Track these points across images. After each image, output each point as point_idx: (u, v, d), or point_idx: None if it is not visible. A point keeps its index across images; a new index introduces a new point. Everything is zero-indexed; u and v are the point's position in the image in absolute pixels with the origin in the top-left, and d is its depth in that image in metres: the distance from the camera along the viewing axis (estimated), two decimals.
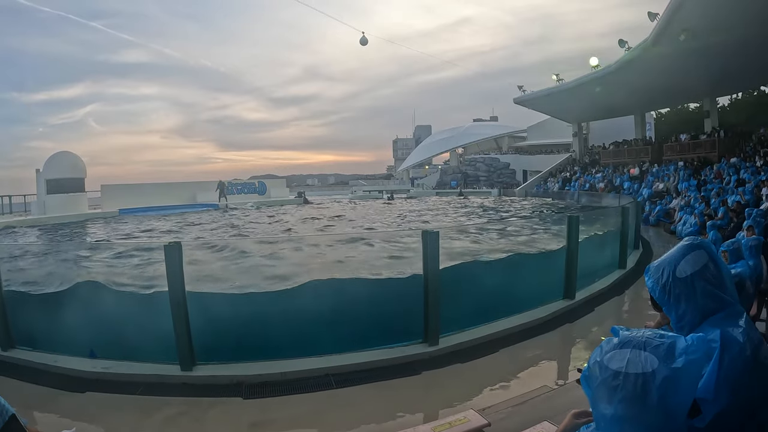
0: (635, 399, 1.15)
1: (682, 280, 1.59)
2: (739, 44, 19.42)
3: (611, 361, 1.21)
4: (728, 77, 25.62)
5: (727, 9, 16.95)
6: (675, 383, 1.15)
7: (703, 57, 21.42)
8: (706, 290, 1.56)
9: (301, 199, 36.95)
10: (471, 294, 6.65)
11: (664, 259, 1.67)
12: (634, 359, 1.18)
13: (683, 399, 1.18)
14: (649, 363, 1.16)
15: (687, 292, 1.59)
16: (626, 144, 34.37)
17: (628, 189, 26.45)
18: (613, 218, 11.07)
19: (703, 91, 28.31)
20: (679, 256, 1.63)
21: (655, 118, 47.30)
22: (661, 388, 1.15)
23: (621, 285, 8.86)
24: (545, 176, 40.28)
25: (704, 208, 14.84)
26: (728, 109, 40.20)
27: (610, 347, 1.24)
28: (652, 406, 1.15)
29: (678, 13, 18.32)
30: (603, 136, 40.10)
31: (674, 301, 1.61)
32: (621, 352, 1.21)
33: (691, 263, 1.60)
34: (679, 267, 1.60)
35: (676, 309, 1.62)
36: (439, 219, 20.50)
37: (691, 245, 1.64)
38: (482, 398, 4.47)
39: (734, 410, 1.38)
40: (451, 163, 58.08)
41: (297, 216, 23.79)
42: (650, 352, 1.18)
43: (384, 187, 48.82)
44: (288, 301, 5.91)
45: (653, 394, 1.15)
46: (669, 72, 24.27)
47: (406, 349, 5.60)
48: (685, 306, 1.60)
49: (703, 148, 25.94)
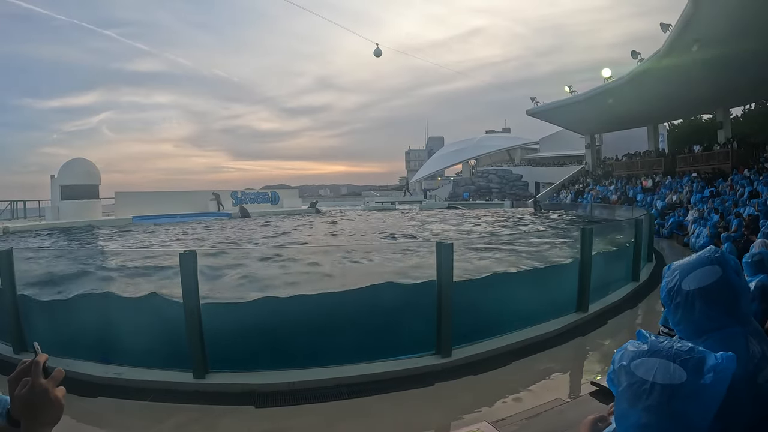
0: (660, 409, 1.15)
1: (685, 292, 1.59)
2: (752, 54, 19.33)
3: (639, 368, 1.21)
4: (741, 87, 25.50)
5: (739, 19, 16.87)
6: (701, 399, 1.15)
7: (716, 67, 21.33)
8: (703, 310, 1.56)
9: (313, 209, 37.09)
10: (485, 306, 6.63)
11: (682, 263, 1.66)
12: (662, 370, 1.18)
13: (706, 414, 1.17)
14: (677, 375, 1.16)
15: (686, 306, 1.59)
16: (639, 156, 34.28)
17: (642, 201, 26.31)
18: (627, 230, 11.03)
19: (716, 102, 28.17)
20: (691, 267, 1.61)
21: (668, 130, 47.15)
22: (686, 402, 1.15)
23: (634, 297, 8.79)
24: (558, 188, 40.24)
25: (718, 220, 14.74)
26: (741, 120, 40.05)
27: (639, 353, 1.24)
28: (675, 418, 1.15)
29: (690, 23, 18.21)
30: (616, 147, 40.08)
31: (674, 308, 1.62)
32: (649, 360, 1.21)
33: (698, 279, 1.58)
34: (687, 278, 1.59)
35: (674, 315, 1.64)
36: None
37: (708, 258, 1.61)
38: (495, 411, 4.45)
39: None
40: (463, 175, 58.34)
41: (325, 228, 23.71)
42: (679, 365, 1.18)
43: (397, 199, 48.92)
44: (302, 310, 5.90)
45: (678, 406, 1.15)
46: (682, 83, 24.18)
47: (419, 360, 5.57)
48: (681, 317, 1.61)
49: (717, 159, 25.79)
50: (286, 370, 5.25)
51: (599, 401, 2.81)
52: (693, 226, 16.38)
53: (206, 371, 5.15)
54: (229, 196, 34.71)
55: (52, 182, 26.82)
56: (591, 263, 7.57)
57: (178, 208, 29.79)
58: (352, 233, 20.22)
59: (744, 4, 15.74)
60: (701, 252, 1.65)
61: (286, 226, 23.75)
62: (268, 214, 32.73)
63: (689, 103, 29.22)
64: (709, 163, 26.04)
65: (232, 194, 35.31)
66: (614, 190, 31.84)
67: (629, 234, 10.64)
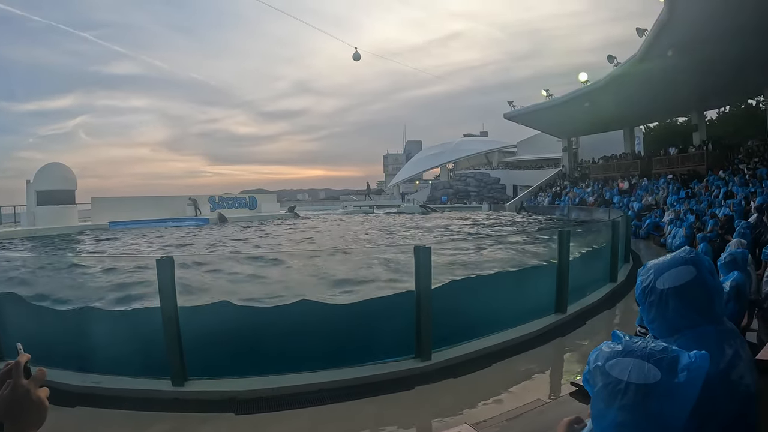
0: (635, 408, 1.16)
1: (659, 291, 1.61)
2: (726, 59, 19.74)
3: (614, 368, 1.22)
4: (716, 91, 26.10)
5: (713, 25, 17.17)
6: (676, 397, 1.17)
7: (691, 72, 21.74)
8: (677, 308, 1.58)
9: (291, 213, 36.94)
10: (463, 309, 6.63)
11: (657, 263, 1.69)
12: (637, 369, 1.19)
13: (682, 413, 1.18)
14: (652, 375, 1.17)
15: (660, 304, 1.61)
16: (615, 158, 34.73)
17: (618, 203, 26.61)
18: (604, 232, 11.14)
19: (691, 105, 28.77)
20: (666, 266, 1.64)
21: (644, 132, 47.73)
22: (661, 401, 1.16)
23: (612, 298, 8.86)
24: (535, 191, 40.57)
25: (693, 220, 14.95)
26: (716, 123, 40.56)
27: (613, 354, 1.25)
28: (650, 416, 1.16)
29: (666, 29, 18.54)
30: (592, 150, 40.50)
31: (648, 306, 1.65)
32: (624, 360, 1.22)
33: (672, 278, 1.60)
34: (662, 277, 1.62)
35: (648, 313, 1.66)
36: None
37: (683, 258, 1.64)
38: (476, 413, 4.44)
39: (706, 430, 1.39)
40: (441, 179, 58.54)
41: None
42: (653, 364, 1.19)
43: (375, 203, 49.02)
44: (281, 316, 5.87)
45: (654, 405, 1.16)
46: (657, 87, 24.59)
47: (399, 364, 5.55)
48: (655, 315, 1.63)
49: (692, 161, 26.27)
50: (267, 375, 5.20)
51: (579, 401, 2.83)
52: (669, 227, 16.58)
53: (185, 378, 5.08)
54: (207, 201, 34.45)
55: (28, 187, 26.43)
56: (569, 265, 7.65)
57: (156, 214, 29.55)
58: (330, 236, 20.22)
59: (717, 11, 16.03)
60: (676, 252, 1.68)
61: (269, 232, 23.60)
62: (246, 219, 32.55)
63: (665, 106, 29.79)
64: (685, 165, 26.46)
65: (210, 199, 35.04)
66: (591, 192, 32.20)
67: (606, 236, 10.75)
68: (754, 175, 18.20)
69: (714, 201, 17.53)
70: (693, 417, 1.21)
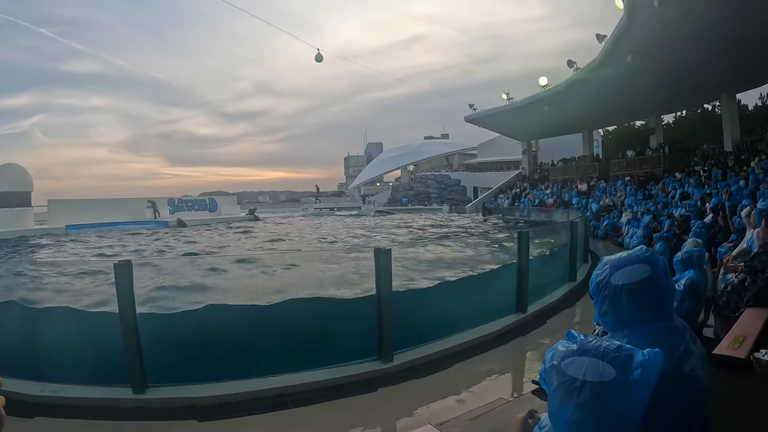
0: (591, 406, 1.19)
1: (613, 286, 1.65)
2: (683, 65, 20.26)
3: (569, 367, 1.25)
4: (673, 96, 26.72)
5: (671, 33, 17.62)
6: (630, 394, 1.20)
7: (649, 77, 22.24)
8: (630, 304, 1.62)
9: (252, 216, 36.56)
10: (425, 311, 6.67)
11: (613, 259, 1.72)
12: (592, 368, 1.22)
13: (637, 409, 1.22)
14: (606, 373, 1.20)
15: (613, 299, 1.65)
16: (574, 161, 35.40)
17: (577, 204, 27.00)
18: (563, 233, 11.32)
19: (648, 109, 29.40)
20: (622, 264, 1.68)
21: (603, 135, 48.58)
22: (617, 398, 1.19)
23: (571, 297, 9.01)
24: (495, 192, 41.00)
25: (650, 221, 15.28)
26: (673, 126, 41.49)
27: (569, 353, 1.28)
28: (606, 413, 1.19)
29: (625, 35, 18.93)
30: (551, 152, 41.25)
31: (601, 300, 1.68)
32: (579, 359, 1.25)
33: (626, 275, 1.64)
34: (617, 274, 1.66)
35: (600, 307, 1.70)
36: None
37: (638, 257, 1.68)
38: (439, 413, 4.45)
39: (657, 429, 1.43)
40: (402, 181, 58.87)
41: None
42: (608, 363, 1.22)
43: (336, 205, 49.05)
44: (242, 320, 5.82)
45: (609, 402, 1.19)
46: (616, 91, 25.05)
47: (361, 366, 5.56)
48: (607, 308, 1.67)
49: (649, 163, 26.97)
50: (229, 381, 5.13)
51: (540, 399, 2.88)
52: (627, 227, 16.91)
53: (146, 386, 4.98)
54: (166, 204, 33.76)
55: None
56: (528, 266, 7.75)
57: (114, 216, 28.79)
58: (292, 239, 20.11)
59: (675, 20, 16.44)
60: (633, 250, 1.73)
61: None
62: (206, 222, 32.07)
63: (623, 110, 30.37)
64: (642, 167, 27.15)
65: (169, 201, 34.32)
66: (550, 194, 32.61)
67: (565, 236, 10.94)
68: (710, 177, 18.61)
69: (670, 202, 17.86)
70: (646, 410, 1.24)
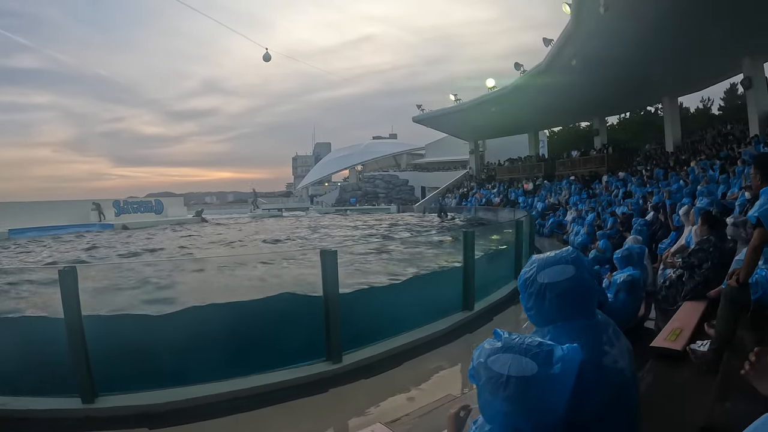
0: (517, 399, 1.29)
1: (539, 284, 1.74)
2: (627, 70, 20.90)
3: (494, 363, 1.34)
4: (617, 99, 27.59)
5: (616, 39, 18.14)
6: (552, 386, 1.31)
7: (594, 81, 22.87)
8: (553, 302, 1.71)
9: (199, 218, 35.90)
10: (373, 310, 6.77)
11: (541, 258, 1.81)
12: (515, 364, 1.31)
13: (560, 399, 1.32)
14: (529, 368, 1.30)
15: (538, 296, 1.74)
16: (520, 160, 35.92)
17: (523, 203, 27.42)
18: (509, 231, 11.52)
19: (593, 111, 30.11)
20: (548, 263, 1.77)
21: (548, 136, 49.70)
22: (539, 390, 1.29)
23: (517, 294, 9.14)
24: (443, 192, 41.33)
25: (594, 218, 15.69)
26: (617, 128, 42.71)
27: (494, 350, 1.38)
28: (531, 404, 1.30)
29: (571, 40, 19.34)
30: (498, 153, 41.73)
31: (527, 296, 1.78)
32: (504, 356, 1.34)
33: (552, 274, 1.73)
34: (543, 272, 1.75)
35: (526, 302, 1.79)
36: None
37: (564, 257, 1.77)
38: (389, 411, 4.52)
39: (582, 416, 1.50)
40: (350, 181, 58.76)
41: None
42: (530, 358, 1.32)
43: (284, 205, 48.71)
44: (189, 323, 5.75)
45: (533, 394, 1.29)
46: (561, 93, 25.50)
47: (311, 368, 5.58)
48: (532, 305, 1.77)
49: (593, 163, 27.75)
50: (180, 387, 5.06)
51: None
52: (572, 225, 17.24)
53: (95, 395, 4.87)
54: (112, 206, 32.73)
55: None
56: (474, 264, 7.89)
57: (58, 219, 27.65)
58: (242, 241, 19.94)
59: (620, 26, 16.96)
60: (560, 251, 1.82)
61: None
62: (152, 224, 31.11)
63: (568, 111, 31.04)
64: (586, 167, 27.94)
65: (115, 203, 33.26)
66: (497, 193, 33.05)
67: (511, 234, 11.13)
68: (651, 177, 19.14)
69: (613, 200, 18.33)
70: (570, 401, 1.34)
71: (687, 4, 15.08)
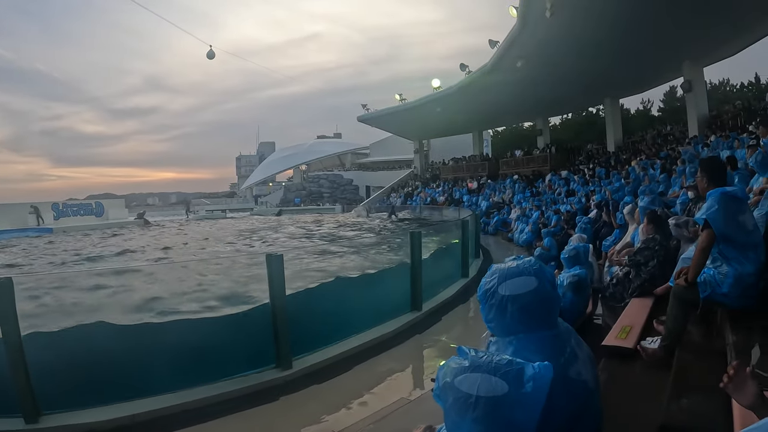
0: (487, 419, 1.24)
1: (500, 296, 1.69)
2: (570, 72, 21.49)
3: (462, 383, 1.29)
4: (560, 101, 28.37)
5: (559, 42, 18.60)
6: (524, 406, 1.26)
7: (538, 83, 23.34)
8: (515, 315, 1.67)
9: (141, 220, 34.91)
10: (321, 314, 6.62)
11: (502, 268, 1.76)
12: (485, 384, 1.27)
13: (531, 418, 1.28)
14: (499, 388, 1.26)
15: (499, 308, 1.69)
16: (465, 160, 36.26)
17: (468, 202, 27.73)
18: (454, 231, 11.62)
19: (536, 112, 30.85)
20: (510, 274, 1.72)
21: (492, 136, 50.35)
22: (511, 410, 1.25)
23: (465, 293, 9.23)
24: (388, 191, 41.56)
25: (538, 216, 15.97)
26: (559, 128, 43.49)
27: (461, 370, 1.32)
28: (502, 425, 1.25)
29: (516, 42, 19.65)
30: (443, 152, 42.21)
31: (488, 307, 1.73)
32: (472, 375, 1.29)
33: (513, 286, 1.69)
34: (504, 284, 1.70)
35: (487, 314, 1.74)
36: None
37: (526, 269, 1.72)
38: (342, 418, 4.47)
39: (549, 430, 1.47)
40: (294, 180, 58.54)
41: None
42: (500, 378, 1.27)
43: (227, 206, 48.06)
44: (133, 336, 5.50)
45: (504, 415, 1.25)
46: (506, 94, 26.01)
47: (260, 375, 5.44)
48: (494, 316, 1.72)
49: (536, 162, 28.28)
50: (126, 401, 4.85)
51: None
52: (516, 223, 17.57)
53: (38, 413, 4.64)
54: (50, 209, 31.47)
55: None
56: (421, 264, 7.91)
57: None
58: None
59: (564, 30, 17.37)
60: (522, 262, 1.77)
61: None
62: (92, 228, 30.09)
63: (512, 112, 31.65)
64: (530, 166, 28.43)
65: (53, 206, 32.03)
66: (442, 192, 33.32)
67: (457, 233, 11.22)
68: (593, 175, 19.72)
69: (557, 199, 18.74)
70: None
71: (630, 12, 15.63)
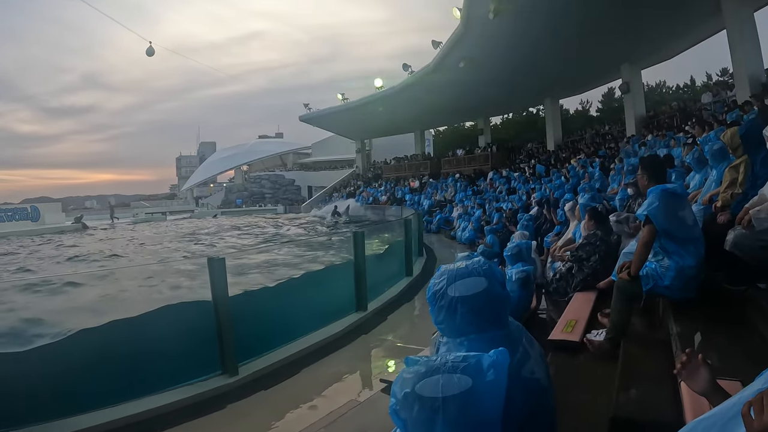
0: (458, 418, 1.21)
1: (450, 298, 1.66)
2: (512, 73, 21.95)
3: (424, 389, 1.24)
4: (501, 101, 28.94)
5: (502, 42, 18.89)
6: (490, 395, 1.24)
7: (480, 83, 23.63)
8: (465, 316, 1.64)
9: (79, 224, 33.50)
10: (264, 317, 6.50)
11: (451, 269, 1.73)
12: (448, 383, 1.23)
13: (497, 406, 1.26)
14: (463, 383, 1.23)
15: (449, 309, 1.66)
16: (407, 159, 36.55)
17: (410, 201, 27.85)
18: (397, 229, 11.68)
19: (478, 112, 31.34)
20: (459, 275, 1.69)
21: (434, 135, 50.80)
22: (479, 402, 1.23)
23: (409, 291, 9.28)
24: (330, 191, 41.53)
25: (481, 214, 16.17)
26: (500, 127, 44.27)
27: (419, 376, 1.27)
28: (474, 420, 1.22)
29: (459, 43, 19.88)
30: (385, 151, 42.31)
31: (438, 309, 1.70)
32: (432, 379, 1.25)
33: (463, 287, 1.66)
34: (454, 285, 1.67)
35: (437, 315, 1.71)
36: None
37: (476, 269, 1.70)
38: (292, 423, 4.38)
39: (507, 425, 1.44)
40: (236, 181, 57.70)
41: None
42: (461, 373, 1.24)
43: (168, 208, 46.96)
44: (64, 348, 5.14)
45: (473, 409, 1.22)
46: (448, 94, 26.24)
47: (206, 383, 5.26)
48: (444, 318, 1.69)
49: (478, 161, 28.83)
50: (69, 417, 4.60)
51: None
52: (458, 221, 17.78)
53: None
54: None
55: None
56: (365, 264, 7.91)
57: None
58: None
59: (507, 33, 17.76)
60: (471, 262, 1.74)
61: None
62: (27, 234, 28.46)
63: (454, 112, 32.00)
64: (471, 164, 28.95)
65: None
66: (384, 191, 33.38)
67: (400, 232, 11.28)
68: (534, 174, 19.99)
69: (498, 197, 18.95)
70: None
71: (571, 15, 16.02)
